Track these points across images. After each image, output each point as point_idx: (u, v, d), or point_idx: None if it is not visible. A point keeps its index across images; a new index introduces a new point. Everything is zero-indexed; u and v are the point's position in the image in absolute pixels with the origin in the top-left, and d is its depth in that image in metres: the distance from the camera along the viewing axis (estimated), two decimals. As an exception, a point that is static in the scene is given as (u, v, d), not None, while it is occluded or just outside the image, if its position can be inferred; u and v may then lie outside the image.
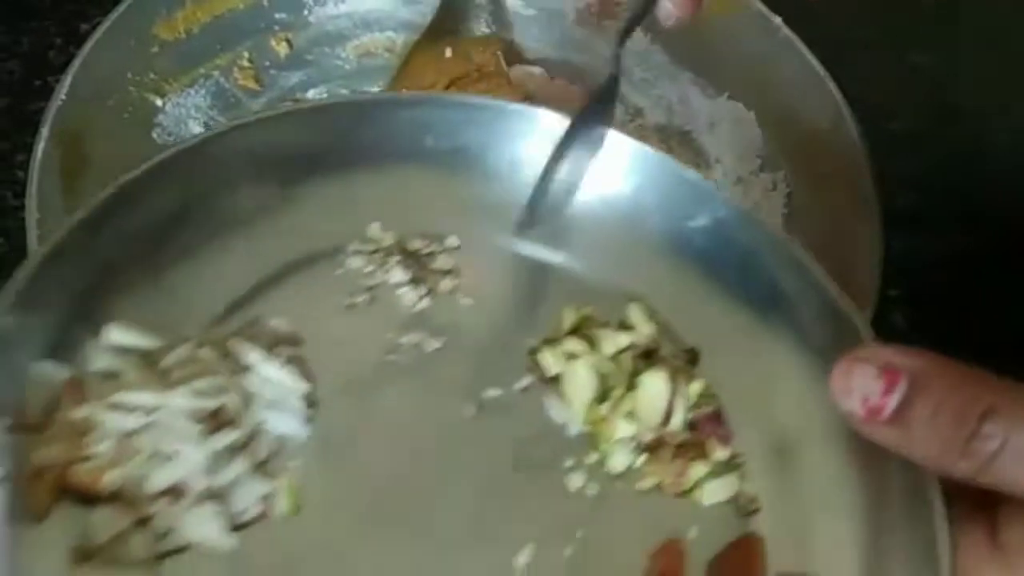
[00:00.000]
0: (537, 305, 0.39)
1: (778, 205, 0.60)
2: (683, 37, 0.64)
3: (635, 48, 0.65)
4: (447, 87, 0.64)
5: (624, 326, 0.39)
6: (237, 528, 0.31)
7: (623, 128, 0.65)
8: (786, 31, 0.60)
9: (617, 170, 0.40)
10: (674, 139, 0.65)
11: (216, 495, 0.31)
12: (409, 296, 0.38)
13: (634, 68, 0.65)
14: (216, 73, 0.61)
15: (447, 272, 0.40)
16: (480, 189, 0.40)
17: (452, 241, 0.40)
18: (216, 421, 0.32)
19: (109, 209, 0.33)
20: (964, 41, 0.73)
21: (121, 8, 0.55)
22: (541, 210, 0.40)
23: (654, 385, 0.36)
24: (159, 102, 0.58)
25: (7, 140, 0.63)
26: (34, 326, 0.31)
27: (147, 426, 0.31)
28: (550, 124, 0.40)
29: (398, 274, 0.39)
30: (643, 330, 0.38)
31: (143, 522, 0.30)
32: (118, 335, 0.32)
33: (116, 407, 0.31)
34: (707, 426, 0.36)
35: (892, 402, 0.29)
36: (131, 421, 0.31)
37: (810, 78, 0.58)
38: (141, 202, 0.34)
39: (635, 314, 0.39)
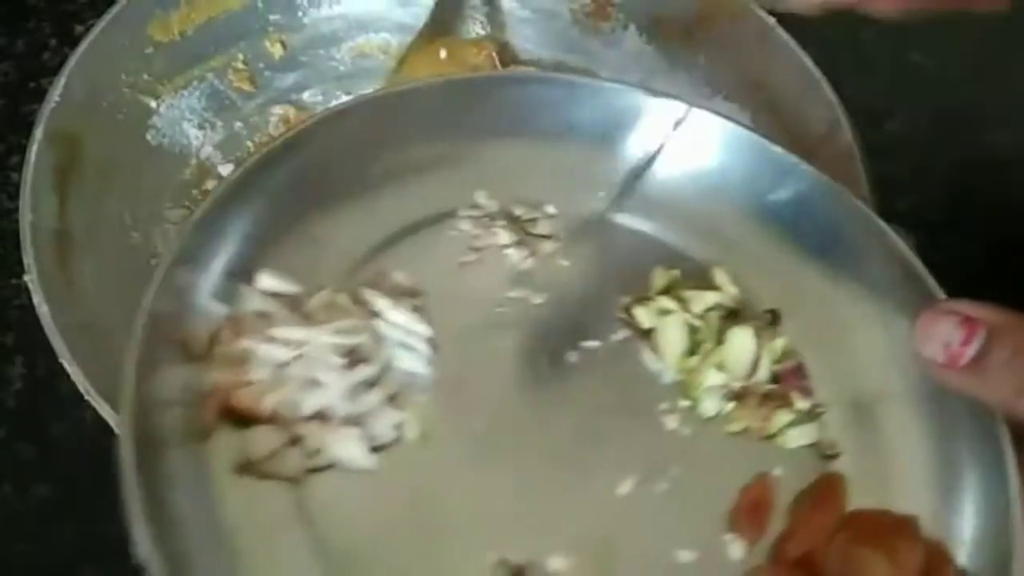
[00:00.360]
0: (629, 267, 0.42)
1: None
2: (678, 38, 0.64)
3: (630, 49, 0.65)
4: (442, 89, 0.64)
5: (710, 288, 0.41)
6: (374, 451, 0.35)
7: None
8: (780, 32, 0.60)
9: (704, 145, 0.43)
10: (670, 140, 0.65)
11: (357, 421, 0.35)
12: (514, 257, 0.42)
13: (629, 69, 0.65)
14: (210, 75, 0.61)
15: (547, 237, 0.43)
16: (578, 161, 0.43)
17: (551, 209, 0.43)
18: (354, 357, 0.35)
19: (263, 167, 0.37)
20: (962, 41, 0.72)
21: (115, 9, 0.55)
22: (636, 185, 0.44)
23: (741, 339, 0.39)
24: (153, 104, 0.58)
25: (1, 142, 0.63)
26: (199, 270, 0.35)
27: (297, 358, 0.35)
28: (642, 102, 0.43)
29: (503, 237, 0.42)
30: (728, 291, 0.41)
31: (295, 442, 0.34)
32: (268, 281, 0.36)
33: (271, 340, 0.35)
34: (790, 379, 0.39)
35: (971, 349, 0.32)
36: (283, 353, 0.35)
37: (805, 80, 0.58)
38: (289, 162, 0.38)
39: (720, 277, 0.41)
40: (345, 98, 0.65)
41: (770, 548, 0.36)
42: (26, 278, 0.46)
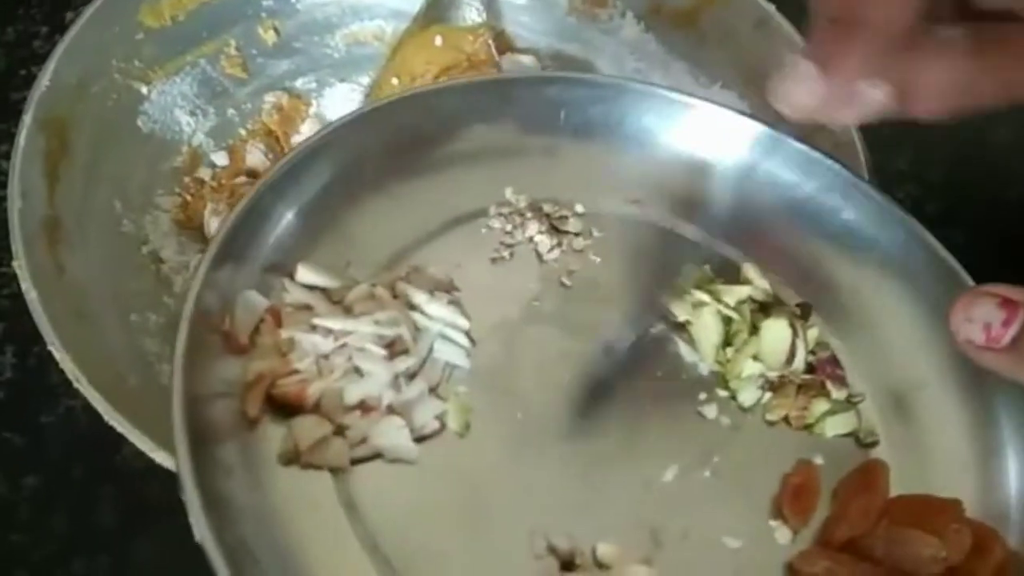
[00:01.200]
0: (660, 263, 0.43)
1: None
2: (677, 26, 0.64)
3: (628, 37, 0.65)
4: (436, 77, 0.63)
5: (742, 282, 0.42)
6: (418, 441, 0.35)
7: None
8: (779, 19, 0.59)
9: (728, 143, 0.43)
10: (667, 128, 0.64)
11: (400, 410, 0.35)
12: (546, 252, 0.42)
13: (626, 58, 0.65)
14: (202, 61, 0.60)
15: (577, 234, 0.43)
16: (606, 160, 0.44)
17: (580, 207, 0.44)
18: (395, 348, 0.36)
19: (300, 165, 0.38)
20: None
21: (106, -5, 0.54)
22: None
23: (777, 330, 0.39)
24: (144, 90, 0.57)
25: (-8, 130, 0.63)
26: (242, 263, 0.36)
27: (340, 347, 0.35)
28: (670, 103, 0.44)
29: (535, 233, 0.43)
30: (759, 285, 0.41)
31: (339, 431, 0.34)
32: (307, 274, 0.37)
33: (313, 330, 0.35)
34: (825, 368, 0.40)
35: (1012, 330, 0.32)
36: (326, 343, 0.35)
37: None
38: (329, 158, 0.39)
39: (750, 272, 0.42)
40: (339, 85, 0.65)
41: (815, 533, 0.36)
42: (15, 265, 0.45)
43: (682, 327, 0.40)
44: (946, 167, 0.69)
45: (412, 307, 0.37)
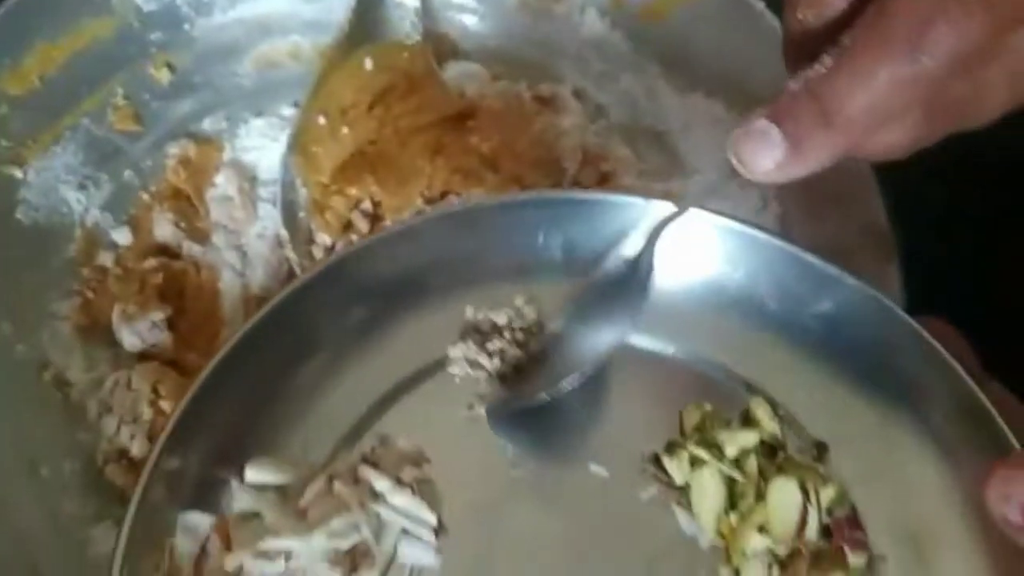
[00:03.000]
0: (657, 402, 0.39)
1: (769, 226, 0.52)
2: (648, 24, 0.54)
3: (590, 35, 0.55)
4: (371, 106, 0.53)
5: (748, 421, 0.38)
6: None
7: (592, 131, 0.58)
8: (770, 19, 0.50)
9: (728, 256, 0.39)
10: (642, 141, 0.56)
11: None
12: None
13: (591, 60, 0.56)
14: (85, 120, 0.50)
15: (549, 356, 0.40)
16: (586, 285, 0.40)
17: (554, 327, 0.40)
18: (353, 558, 0.34)
19: (229, 362, 0.35)
20: None
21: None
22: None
23: (785, 494, 0.36)
24: (19, 173, 0.47)
25: None
26: (182, 474, 0.34)
27: (290, 571, 0.33)
28: (655, 213, 0.39)
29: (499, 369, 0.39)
30: (767, 427, 0.38)
31: None
32: (255, 474, 0.35)
33: (260, 554, 0.33)
34: (843, 531, 0.36)
35: None
36: (275, 567, 0.33)
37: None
38: (258, 348, 0.36)
39: (758, 410, 0.38)
40: (255, 120, 0.55)
41: None
42: None
43: (680, 489, 0.37)
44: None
45: (375, 495, 0.35)
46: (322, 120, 0.53)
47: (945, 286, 0.48)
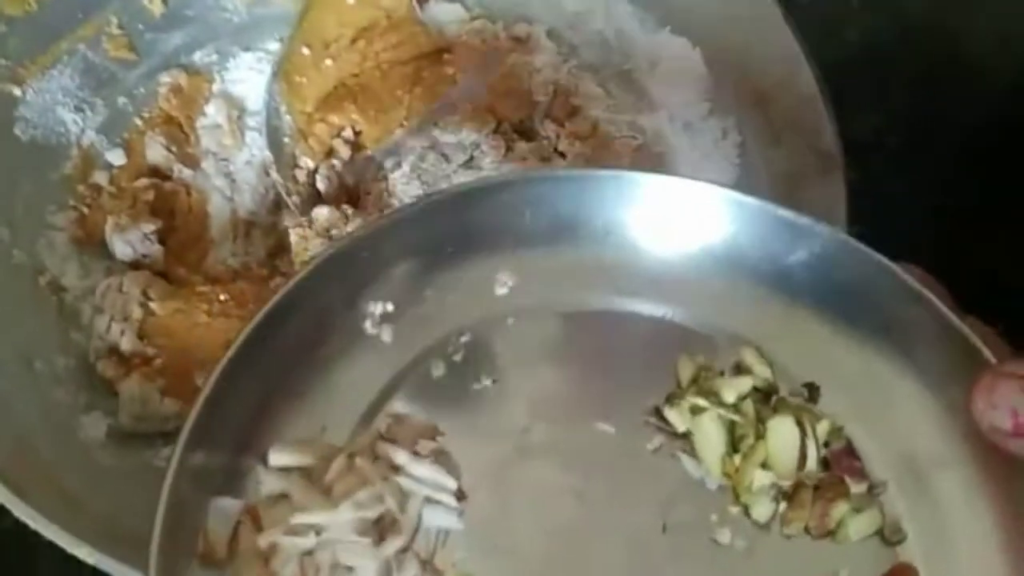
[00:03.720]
0: (651, 361, 0.40)
1: (729, 155, 0.55)
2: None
3: (565, -23, 0.58)
4: (353, 40, 0.56)
5: (740, 370, 0.39)
6: None
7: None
8: (731, -45, 0.53)
9: (711, 218, 0.40)
10: (612, 80, 0.58)
11: None
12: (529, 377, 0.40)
13: (565, 1, 0.58)
14: (81, 46, 0.53)
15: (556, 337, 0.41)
16: (579, 257, 0.41)
17: (559, 308, 0.41)
18: (380, 528, 0.34)
19: (250, 345, 0.35)
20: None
21: (-47, -14, 0.46)
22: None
23: (783, 431, 0.37)
24: (17, 91, 0.50)
25: None
26: (207, 465, 0.34)
27: (321, 544, 0.33)
28: (641, 186, 0.40)
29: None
30: (760, 372, 0.39)
31: None
32: (279, 458, 0.35)
33: (291, 531, 0.33)
34: (841, 462, 0.37)
35: None
36: (307, 542, 0.33)
37: (762, 12, 0.52)
38: (277, 330, 0.36)
39: (749, 357, 0.39)
40: (243, 54, 0.58)
41: None
42: None
43: (683, 437, 0.38)
44: (909, 88, 0.65)
45: (395, 469, 0.36)
46: (306, 51, 0.55)
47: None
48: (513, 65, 0.57)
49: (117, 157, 0.54)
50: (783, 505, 0.36)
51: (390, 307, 0.39)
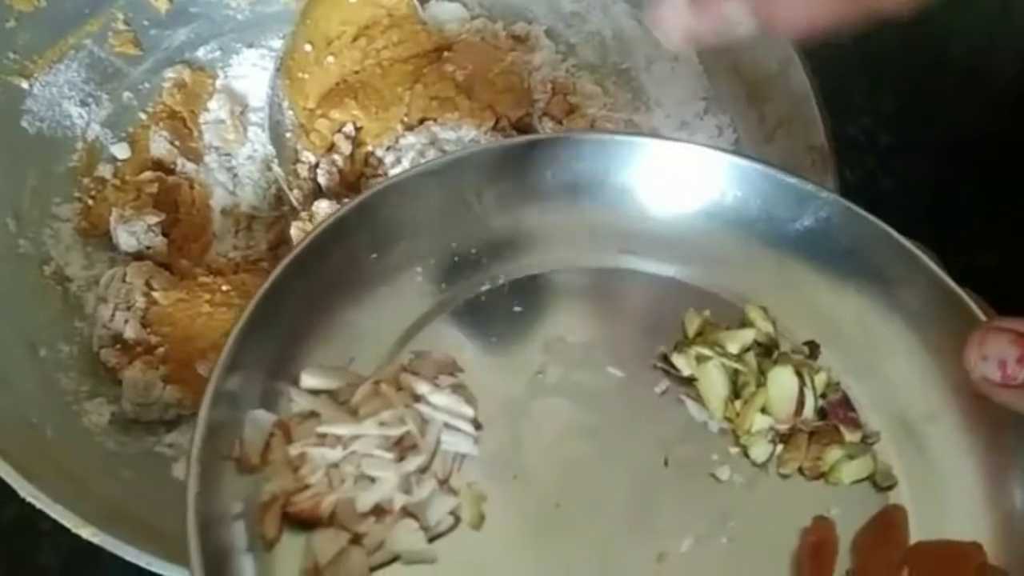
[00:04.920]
0: (659, 315, 0.42)
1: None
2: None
3: (563, -23, 0.59)
4: (355, 38, 0.57)
5: (744, 326, 0.41)
6: (433, 539, 0.35)
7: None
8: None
9: (717, 183, 0.42)
10: (610, 79, 0.59)
11: (414, 511, 0.35)
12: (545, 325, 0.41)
13: (564, 0, 0.59)
14: (88, 41, 0.54)
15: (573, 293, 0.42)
16: (595, 217, 0.43)
17: (579, 264, 0.43)
18: (402, 447, 0.36)
19: (289, 274, 0.37)
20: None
21: (-38, -19, 0.47)
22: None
23: (783, 379, 0.38)
24: (25, 85, 0.51)
25: None
26: (246, 378, 0.35)
27: (348, 456, 0.35)
28: (655, 150, 0.42)
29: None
30: (762, 327, 0.41)
31: (356, 540, 0.34)
32: (310, 380, 0.37)
33: (321, 442, 0.35)
34: (837, 412, 0.39)
35: None
36: (334, 453, 0.35)
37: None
38: (315, 264, 0.38)
39: (752, 313, 0.41)
40: (247, 51, 0.59)
41: None
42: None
43: (689, 382, 0.40)
44: (901, 87, 0.66)
45: (416, 398, 0.37)
46: (308, 48, 0.56)
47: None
48: (512, 63, 0.58)
49: (122, 151, 0.55)
50: (780, 447, 0.38)
51: (418, 253, 0.40)
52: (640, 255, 0.43)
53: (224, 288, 0.51)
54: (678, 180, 0.42)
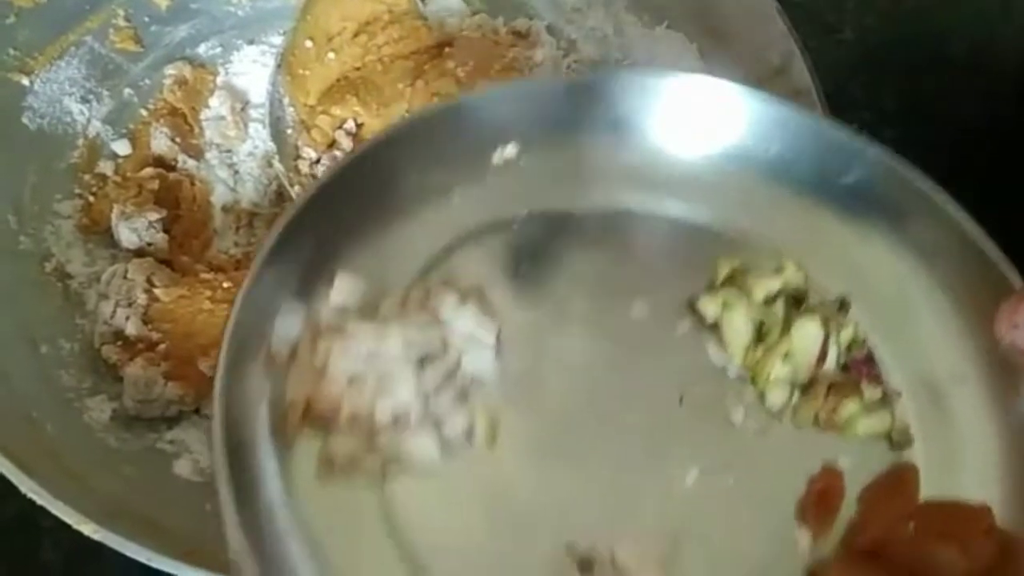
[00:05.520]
0: (691, 259, 0.42)
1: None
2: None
3: (564, -26, 0.59)
4: (356, 34, 0.57)
5: (775, 274, 0.40)
6: (448, 451, 0.36)
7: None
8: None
9: (762, 131, 0.42)
10: (610, 74, 0.59)
11: (430, 422, 0.36)
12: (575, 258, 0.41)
13: (565, -3, 0.59)
14: (88, 38, 0.53)
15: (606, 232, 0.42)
16: (636, 155, 0.43)
17: (619, 203, 0.43)
18: (424, 362, 0.36)
19: (344, 176, 0.38)
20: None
21: (-38, -23, 0.47)
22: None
23: (808, 329, 0.38)
24: (26, 81, 0.51)
25: None
26: (281, 277, 0.36)
27: (371, 362, 0.36)
28: (704, 89, 0.42)
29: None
30: (792, 279, 0.40)
31: (373, 445, 0.35)
32: (344, 284, 0.37)
33: (346, 348, 0.35)
34: (860, 368, 0.39)
35: None
36: (359, 358, 0.35)
37: (758, 8, 0.53)
38: (355, 182, 0.39)
39: (785, 264, 0.41)
40: (247, 48, 0.59)
41: (840, 539, 0.35)
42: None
43: (713, 327, 0.39)
44: (901, 86, 0.66)
45: (441, 318, 0.38)
46: (309, 45, 0.56)
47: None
48: (513, 59, 0.58)
49: (123, 147, 0.54)
50: (797, 397, 0.38)
51: (454, 180, 0.40)
52: (675, 198, 0.42)
53: (225, 285, 0.51)
54: (719, 123, 0.42)
